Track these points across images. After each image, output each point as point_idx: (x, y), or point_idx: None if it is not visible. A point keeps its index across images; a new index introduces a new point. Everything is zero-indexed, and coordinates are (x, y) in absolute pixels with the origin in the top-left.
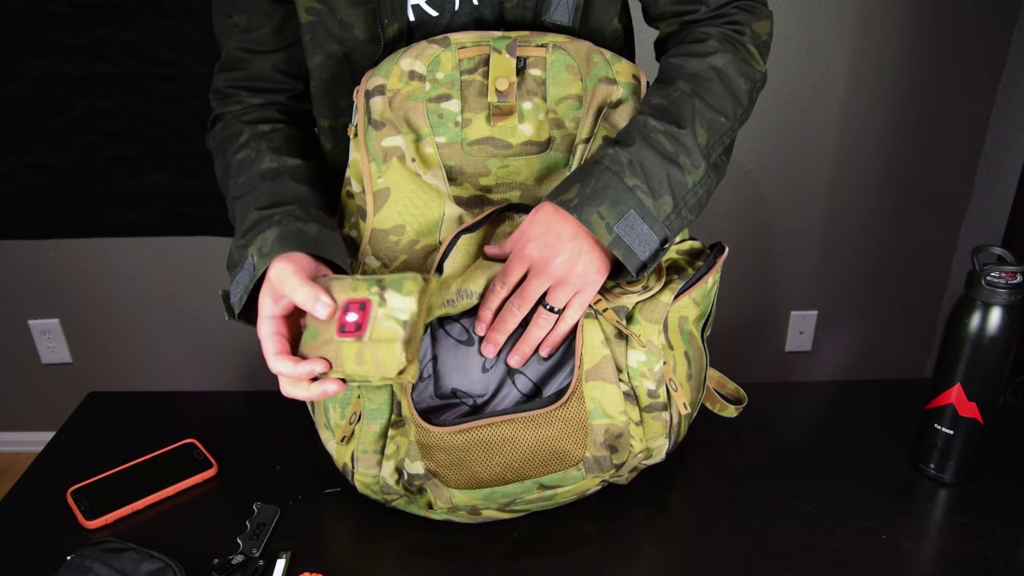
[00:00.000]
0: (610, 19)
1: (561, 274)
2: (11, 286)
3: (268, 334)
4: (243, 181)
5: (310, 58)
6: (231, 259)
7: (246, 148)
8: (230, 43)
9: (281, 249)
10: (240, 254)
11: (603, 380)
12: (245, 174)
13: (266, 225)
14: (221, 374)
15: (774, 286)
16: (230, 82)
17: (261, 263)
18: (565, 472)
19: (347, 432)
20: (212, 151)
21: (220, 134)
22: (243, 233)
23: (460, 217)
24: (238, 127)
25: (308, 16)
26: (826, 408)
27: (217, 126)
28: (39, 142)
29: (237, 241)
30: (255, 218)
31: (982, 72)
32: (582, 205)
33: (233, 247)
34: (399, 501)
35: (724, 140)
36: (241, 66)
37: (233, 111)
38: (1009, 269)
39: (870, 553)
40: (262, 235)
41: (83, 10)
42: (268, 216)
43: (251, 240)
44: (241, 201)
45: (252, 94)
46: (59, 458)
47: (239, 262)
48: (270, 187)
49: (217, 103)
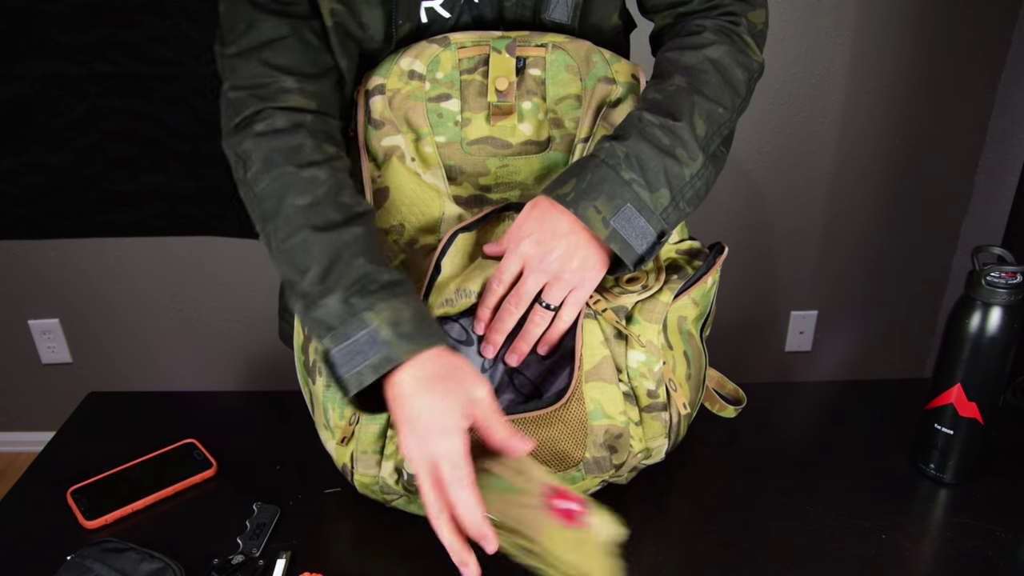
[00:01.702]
0: (609, 16)
1: (556, 270)
2: (11, 286)
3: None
4: (315, 206)
5: (340, 60)
6: (326, 312)
7: (314, 167)
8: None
9: (425, 339)
10: (348, 313)
11: (603, 381)
12: (314, 197)
13: (387, 291)
14: (221, 374)
15: (774, 286)
16: (267, 61)
17: (400, 347)
18: (565, 473)
19: (347, 433)
20: (247, 156)
21: (268, 138)
22: (349, 286)
23: (459, 216)
24: (300, 138)
25: (332, 18)
26: (826, 408)
27: (257, 124)
28: (39, 142)
29: (344, 294)
30: (363, 271)
31: (982, 72)
32: (578, 199)
33: (331, 298)
34: (399, 501)
35: (723, 131)
36: (279, 36)
37: (281, 108)
38: (1009, 269)
39: (870, 553)
40: (388, 303)
41: (83, 10)
42: (377, 274)
43: (369, 303)
44: (326, 235)
45: (300, 79)
46: (59, 458)
47: (344, 323)
48: (364, 233)
49: (250, 94)
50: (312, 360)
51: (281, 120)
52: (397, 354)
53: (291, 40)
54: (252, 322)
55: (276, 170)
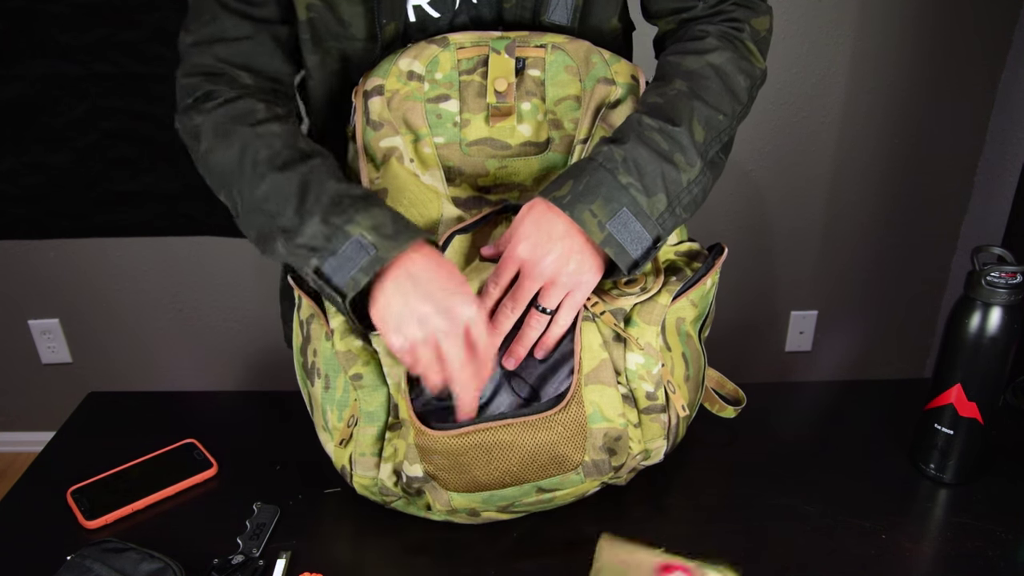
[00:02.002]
0: (609, 18)
1: (552, 274)
2: (11, 286)
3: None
4: (278, 154)
5: (309, 56)
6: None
7: (269, 123)
8: (220, 12)
9: (407, 236)
10: (329, 232)
11: (602, 383)
12: (275, 148)
13: (363, 202)
14: (221, 374)
15: (774, 286)
16: (225, 58)
17: (386, 246)
18: (564, 476)
19: (345, 435)
20: (197, 129)
21: (217, 110)
22: (326, 207)
23: (458, 218)
24: (249, 103)
25: (307, 13)
26: (826, 408)
27: (208, 103)
28: (39, 142)
29: (322, 215)
30: (336, 190)
31: (982, 72)
32: (574, 202)
33: (310, 223)
34: (398, 503)
35: (722, 138)
36: (239, 36)
37: (234, 91)
38: (1009, 269)
39: (870, 553)
40: (366, 213)
41: (83, 10)
42: (350, 190)
43: (349, 217)
44: (290, 172)
45: (255, 76)
46: (59, 458)
47: (329, 239)
48: (325, 164)
49: (203, 79)
50: (311, 362)
51: (230, 94)
52: (384, 253)
53: (251, 42)
54: (252, 322)
55: (232, 136)
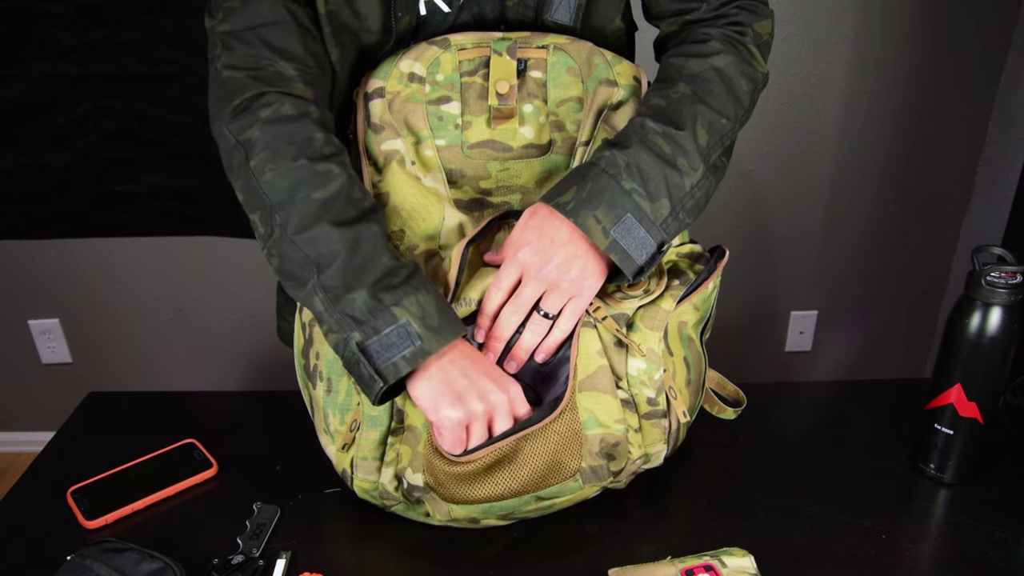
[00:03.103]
0: (612, 18)
1: (554, 279)
2: (11, 286)
3: None
4: (332, 201)
5: (331, 50)
6: (355, 307)
7: (327, 161)
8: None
9: (451, 332)
10: (377, 308)
11: (597, 390)
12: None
13: (408, 285)
14: (221, 374)
15: (774, 286)
16: (265, 43)
17: (431, 339)
18: (562, 484)
19: (347, 439)
20: (250, 142)
21: (273, 125)
22: (375, 282)
23: (460, 222)
24: (309, 128)
25: (326, 6)
26: (826, 408)
27: (262, 110)
28: (39, 142)
29: (371, 290)
30: (387, 267)
31: (982, 72)
32: (578, 208)
33: (360, 293)
34: (398, 507)
35: (724, 141)
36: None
37: (283, 93)
38: (1009, 269)
39: (870, 553)
40: (414, 297)
41: (83, 10)
42: (399, 269)
43: (396, 298)
44: (347, 231)
45: (300, 66)
46: (59, 458)
47: (373, 317)
48: (380, 230)
49: (248, 76)
50: (313, 365)
51: (288, 107)
52: (429, 346)
53: (290, 24)
54: (252, 322)
55: (288, 161)
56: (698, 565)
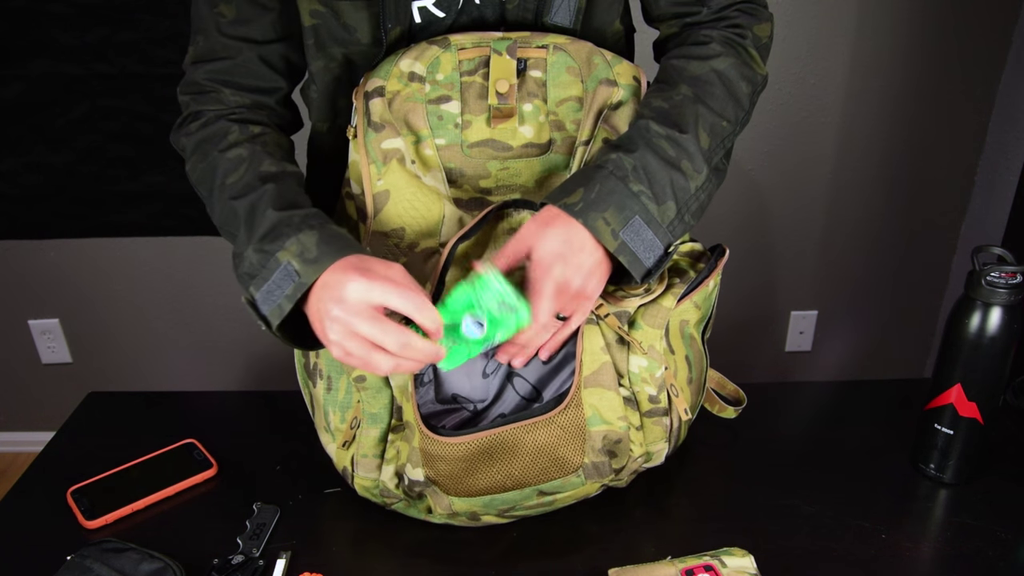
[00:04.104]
0: (612, 20)
1: (581, 287)
2: (11, 286)
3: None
4: (239, 181)
5: (313, 62)
6: (247, 265)
7: (237, 147)
8: (213, 32)
9: (332, 255)
10: (263, 259)
11: (601, 387)
12: (239, 173)
13: (293, 228)
14: (221, 374)
15: (774, 286)
16: (211, 75)
17: (308, 271)
18: (564, 479)
19: (348, 437)
20: (184, 149)
21: (199, 131)
22: (262, 236)
23: (460, 219)
24: (224, 125)
25: (311, 19)
26: (826, 408)
27: (192, 123)
28: (39, 142)
29: (256, 245)
30: (273, 219)
31: (982, 72)
32: (586, 210)
33: (248, 251)
34: (399, 505)
35: (726, 144)
36: (227, 55)
37: (215, 110)
38: (1009, 269)
39: (870, 553)
40: (294, 239)
41: (83, 10)
42: (288, 218)
43: (279, 244)
44: (242, 201)
45: (237, 92)
46: (59, 458)
47: (262, 267)
48: (276, 189)
49: (192, 99)
50: (313, 363)
51: (211, 115)
52: (306, 278)
53: (237, 61)
54: (252, 322)
55: (207, 157)
56: (698, 565)
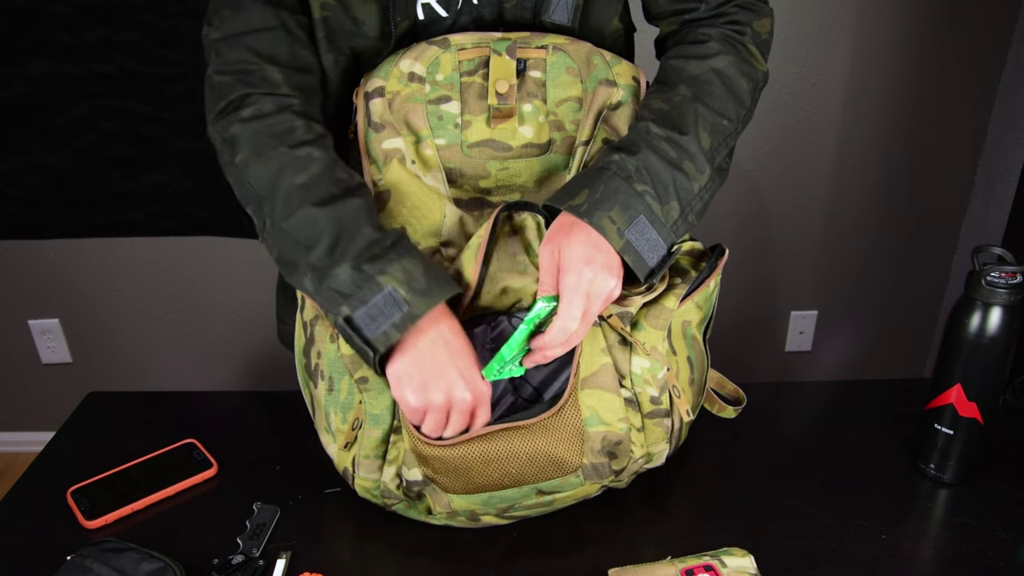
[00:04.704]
0: (610, 19)
1: (601, 290)
2: (11, 286)
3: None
4: (315, 184)
5: (324, 55)
6: (338, 282)
7: (307, 146)
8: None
9: (440, 291)
10: (360, 279)
11: (600, 388)
12: (312, 176)
13: (396, 253)
14: (221, 374)
15: (774, 286)
16: (252, 50)
17: (419, 302)
18: (563, 479)
19: (350, 438)
20: (233, 139)
21: (254, 121)
22: (358, 254)
23: (461, 219)
24: (287, 118)
25: (322, 11)
26: (826, 408)
27: (245, 110)
28: (39, 142)
29: (351, 261)
30: (370, 238)
31: (982, 72)
32: (592, 209)
33: (342, 268)
34: (399, 506)
35: (728, 142)
36: (263, 25)
37: (266, 93)
38: (1009, 269)
39: (870, 553)
40: (399, 265)
41: (83, 10)
42: (383, 239)
43: (380, 267)
44: (327, 210)
45: (283, 70)
46: (59, 458)
47: (358, 289)
48: (365, 204)
49: (235, 79)
50: (314, 364)
51: (268, 105)
52: (417, 309)
53: (279, 32)
54: (252, 322)
55: (269, 152)
56: (698, 565)
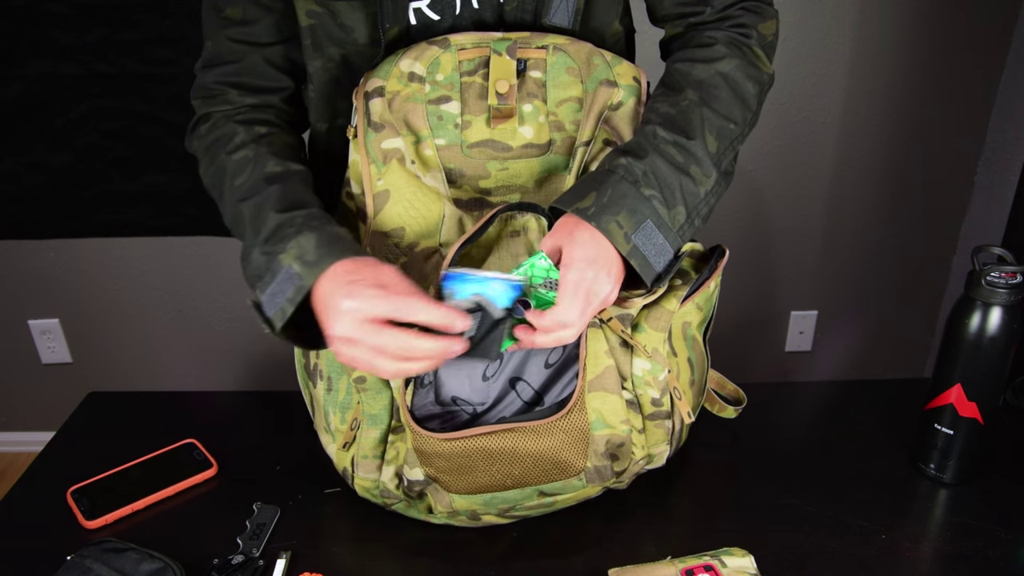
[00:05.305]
0: (611, 21)
1: (596, 292)
2: (11, 286)
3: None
4: (245, 183)
5: (310, 62)
6: (253, 267)
7: (244, 148)
8: (220, 36)
9: (330, 257)
10: (267, 262)
11: (605, 391)
12: (245, 175)
13: (294, 230)
14: (221, 374)
15: (774, 286)
16: (219, 78)
17: (308, 273)
18: (566, 481)
19: (348, 438)
20: (196, 152)
21: (208, 135)
22: (266, 239)
23: (460, 219)
24: (231, 127)
25: (308, 19)
26: (826, 408)
27: (202, 126)
28: (39, 142)
29: (261, 248)
30: (276, 222)
31: (982, 72)
32: (599, 213)
33: (255, 253)
34: (399, 505)
35: (735, 146)
36: (233, 59)
37: (223, 111)
38: (1009, 269)
39: (870, 553)
40: (294, 241)
41: (83, 10)
42: (290, 220)
43: (281, 247)
44: (248, 203)
45: (244, 93)
46: (59, 458)
47: (267, 270)
48: (280, 190)
49: (202, 102)
50: (313, 364)
51: (220, 119)
52: (306, 281)
53: (242, 63)
54: (252, 322)
55: (215, 160)
56: (698, 565)
